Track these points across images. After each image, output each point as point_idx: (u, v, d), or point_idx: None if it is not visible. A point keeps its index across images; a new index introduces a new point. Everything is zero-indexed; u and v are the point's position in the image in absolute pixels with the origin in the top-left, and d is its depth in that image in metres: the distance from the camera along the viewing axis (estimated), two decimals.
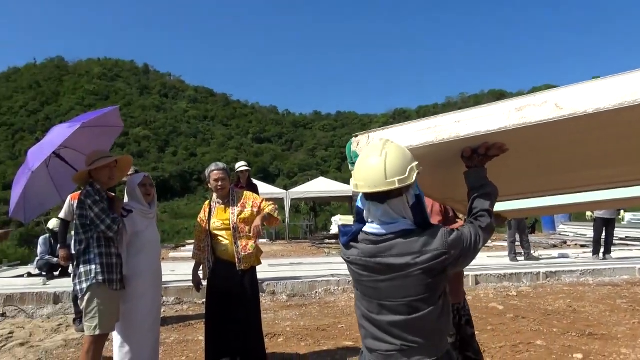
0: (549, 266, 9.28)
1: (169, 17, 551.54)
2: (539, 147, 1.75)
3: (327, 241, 19.21)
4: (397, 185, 1.60)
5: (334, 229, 21.45)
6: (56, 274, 8.74)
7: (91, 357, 3.20)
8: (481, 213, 1.75)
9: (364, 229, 1.75)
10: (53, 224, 8.55)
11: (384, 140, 1.72)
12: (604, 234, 10.44)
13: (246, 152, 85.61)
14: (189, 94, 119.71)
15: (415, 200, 1.67)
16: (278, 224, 4.46)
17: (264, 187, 17.50)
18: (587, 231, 15.14)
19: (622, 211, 18.60)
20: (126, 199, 3.74)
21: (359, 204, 1.79)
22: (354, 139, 1.93)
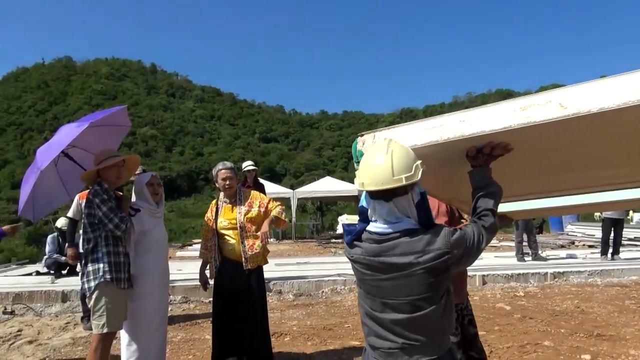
0: (556, 266, 9.23)
1: (176, 17, 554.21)
2: (543, 147, 1.75)
3: (333, 241, 19.19)
4: (404, 182, 1.61)
5: (341, 229, 21.42)
6: (64, 272, 8.81)
7: (99, 355, 3.21)
8: (485, 212, 1.75)
9: (368, 228, 1.76)
10: (61, 222, 8.62)
11: (388, 139, 1.73)
12: (612, 234, 10.38)
13: (253, 151, 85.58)
14: (196, 94, 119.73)
15: (420, 198, 1.69)
16: (286, 225, 4.46)
17: (270, 187, 17.51)
18: (595, 231, 15.05)
19: (630, 211, 18.50)
20: (134, 198, 3.76)
21: (363, 203, 1.80)
22: (359, 138, 1.94)
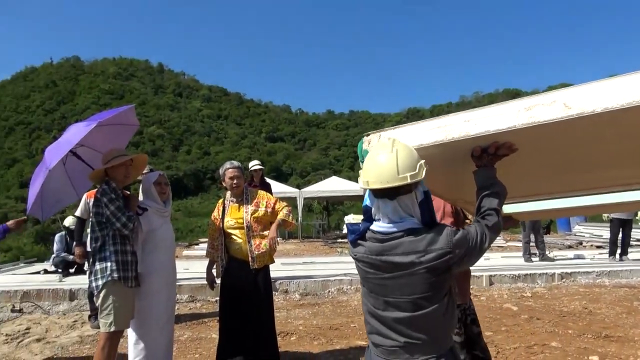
0: (564, 267, 9.19)
1: (183, 17, 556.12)
2: (548, 147, 1.75)
3: (339, 240, 19.19)
4: (408, 180, 1.62)
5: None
6: (72, 271, 8.87)
7: (106, 353, 3.23)
8: (489, 212, 1.76)
9: (371, 227, 1.78)
10: (69, 221, 8.69)
11: (392, 139, 1.75)
12: (620, 234, 10.31)
13: (259, 151, 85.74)
14: (202, 93, 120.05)
15: (423, 197, 1.70)
16: (294, 226, 4.46)
17: (276, 186, 17.51)
18: (603, 232, 14.97)
19: (639, 212, 18.31)
20: (141, 197, 3.78)
21: (367, 203, 1.81)
22: (365, 138, 1.95)
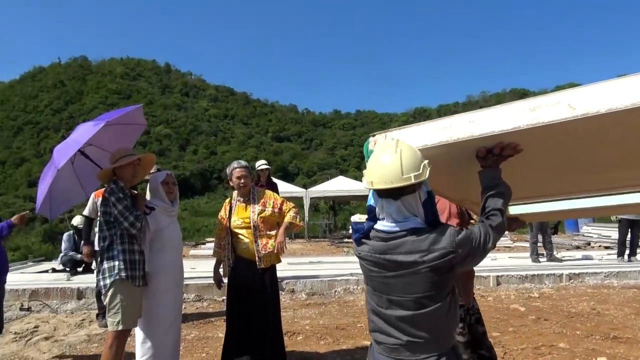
0: (572, 268, 9.14)
1: (190, 17, 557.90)
2: (553, 148, 1.75)
3: (346, 240, 19.15)
4: (412, 180, 1.63)
5: None
6: (80, 269, 8.94)
7: (114, 352, 3.25)
8: (493, 212, 1.76)
9: (375, 226, 1.79)
10: (77, 220, 8.76)
11: (395, 139, 1.76)
12: (629, 235, 10.23)
13: (266, 150, 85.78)
14: (209, 93, 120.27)
15: (427, 197, 1.72)
16: (301, 227, 4.47)
17: (283, 186, 17.53)
18: (612, 232, 14.85)
19: None
20: (148, 197, 3.80)
21: (371, 202, 1.83)
22: (371, 138, 1.96)
